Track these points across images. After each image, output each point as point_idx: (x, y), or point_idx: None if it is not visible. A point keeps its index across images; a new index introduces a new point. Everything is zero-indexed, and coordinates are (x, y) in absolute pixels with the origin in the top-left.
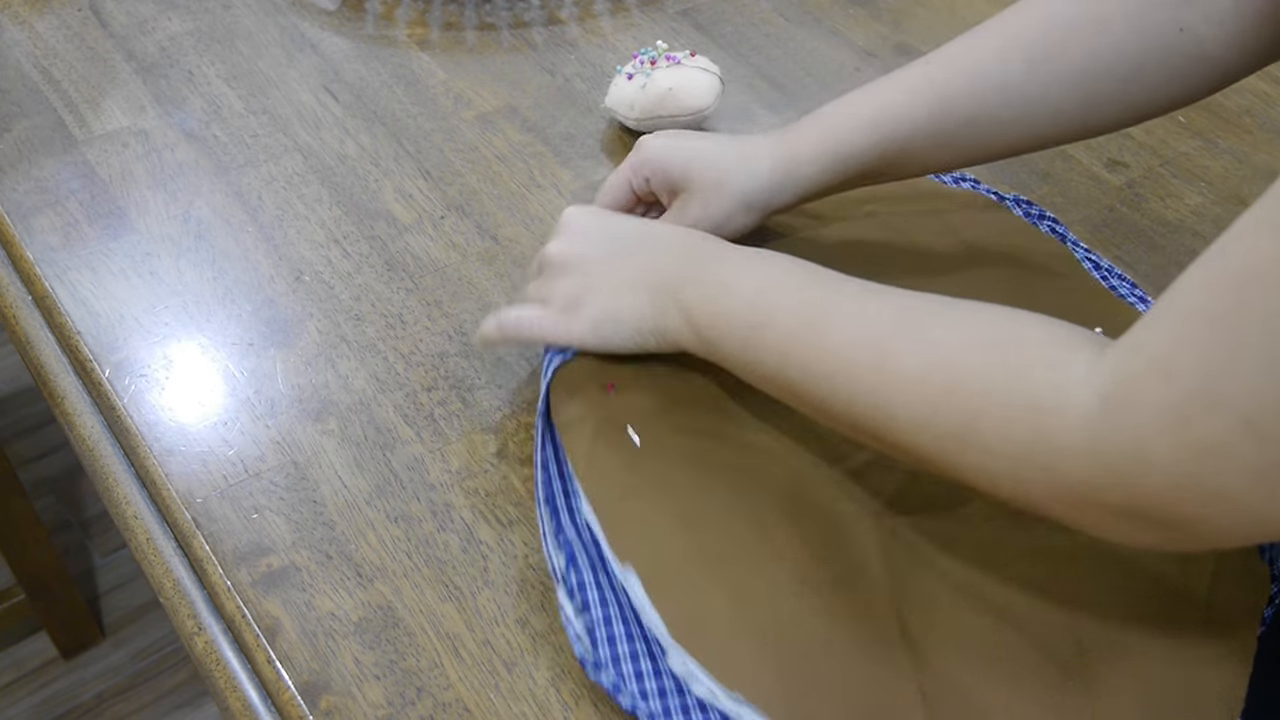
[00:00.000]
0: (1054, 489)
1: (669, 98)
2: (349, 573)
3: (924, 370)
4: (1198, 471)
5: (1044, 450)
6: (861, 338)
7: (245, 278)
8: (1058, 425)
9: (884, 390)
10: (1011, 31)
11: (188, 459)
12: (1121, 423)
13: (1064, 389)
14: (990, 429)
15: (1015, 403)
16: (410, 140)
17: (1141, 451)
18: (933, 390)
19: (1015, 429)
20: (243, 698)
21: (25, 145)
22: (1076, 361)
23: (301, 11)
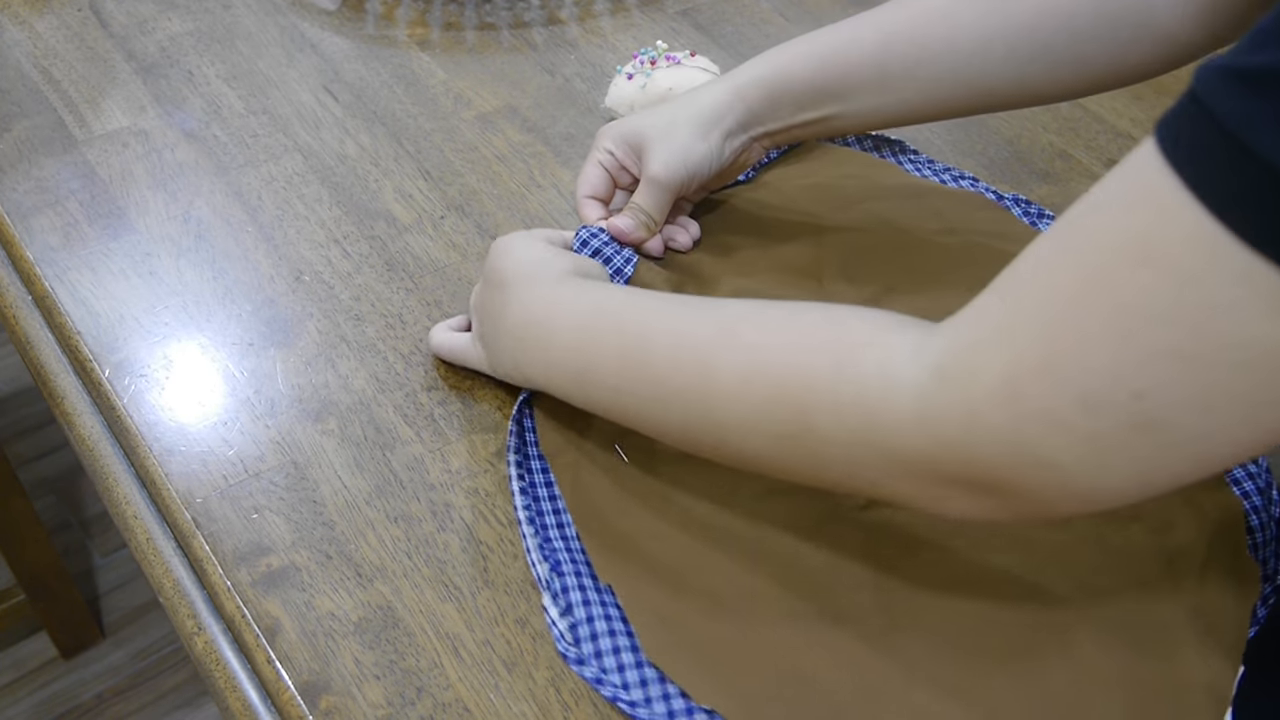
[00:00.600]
0: (890, 467)
1: (669, 98)
2: (349, 573)
3: (746, 376)
4: (1029, 439)
5: (878, 431)
6: (682, 356)
7: (245, 278)
8: (888, 404)
9: (712, 403)
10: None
11: (188, 459)
12: (954, 391)
13: (890, 368)
14: (822, 421)
15: (843, 390)
16: (410, 140)
17: (973, 419)
18: (758, 394)
19: (847, 415)
20: (243, 698)
21: (25, 145)
22: (902, 343)
23: (301, 11)
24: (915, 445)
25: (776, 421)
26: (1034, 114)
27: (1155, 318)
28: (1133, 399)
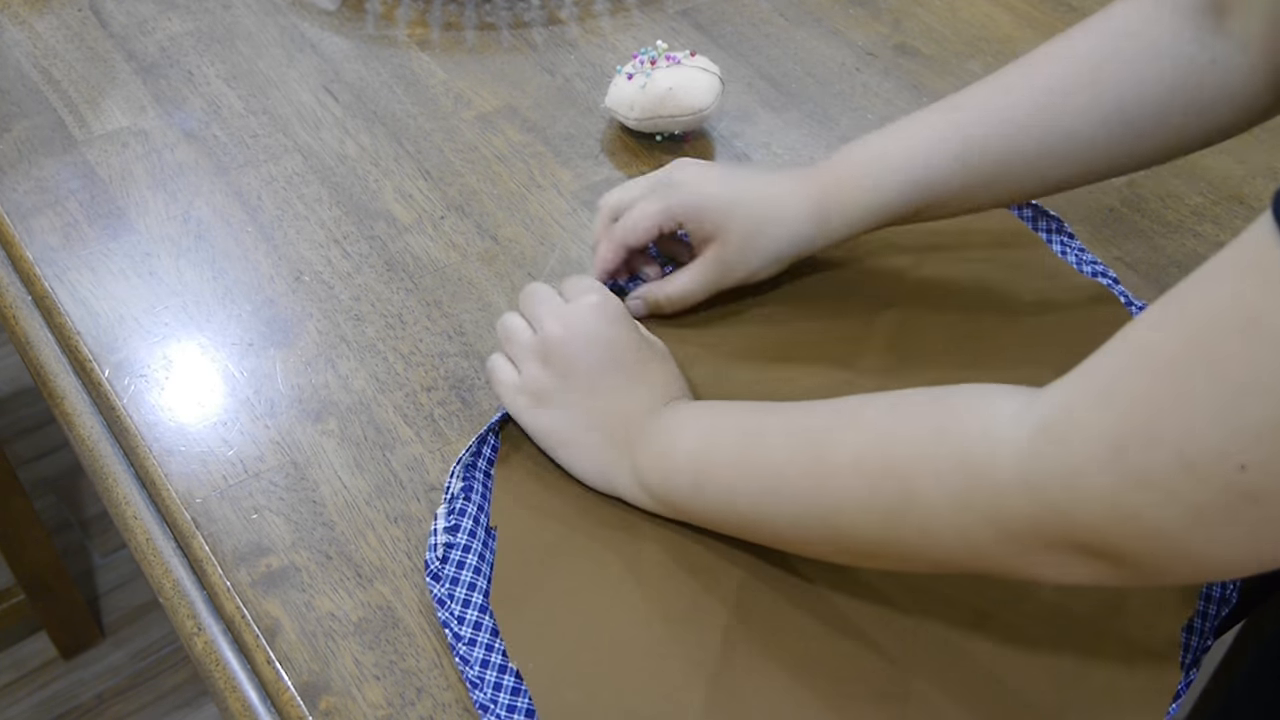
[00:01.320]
0: (997, 534)
1: (669, 97)
2: (349, 573)
3: (857, 455)
4: (1135, 503)
5: (981, 497)
6: (796, 446)
7: (245, 278)
8: (990, 468)
9: (825, 487)
10: (1040, 72)
11: (187, 459)
12: (1057, 452)
13: (993, 431)
14: (926, 488)
15: (945, 456)
16: (410, 140)
17: (1077, 480)
18: (868, 470)
19: (949, 480)
20: (242, 698)
21: (25, 145)
22: (1002, 407)
23: (301, 11)
24: (1019, 508)
25: (886, 497)
26: None
27: (1260, 390)
28: (1237, 470)
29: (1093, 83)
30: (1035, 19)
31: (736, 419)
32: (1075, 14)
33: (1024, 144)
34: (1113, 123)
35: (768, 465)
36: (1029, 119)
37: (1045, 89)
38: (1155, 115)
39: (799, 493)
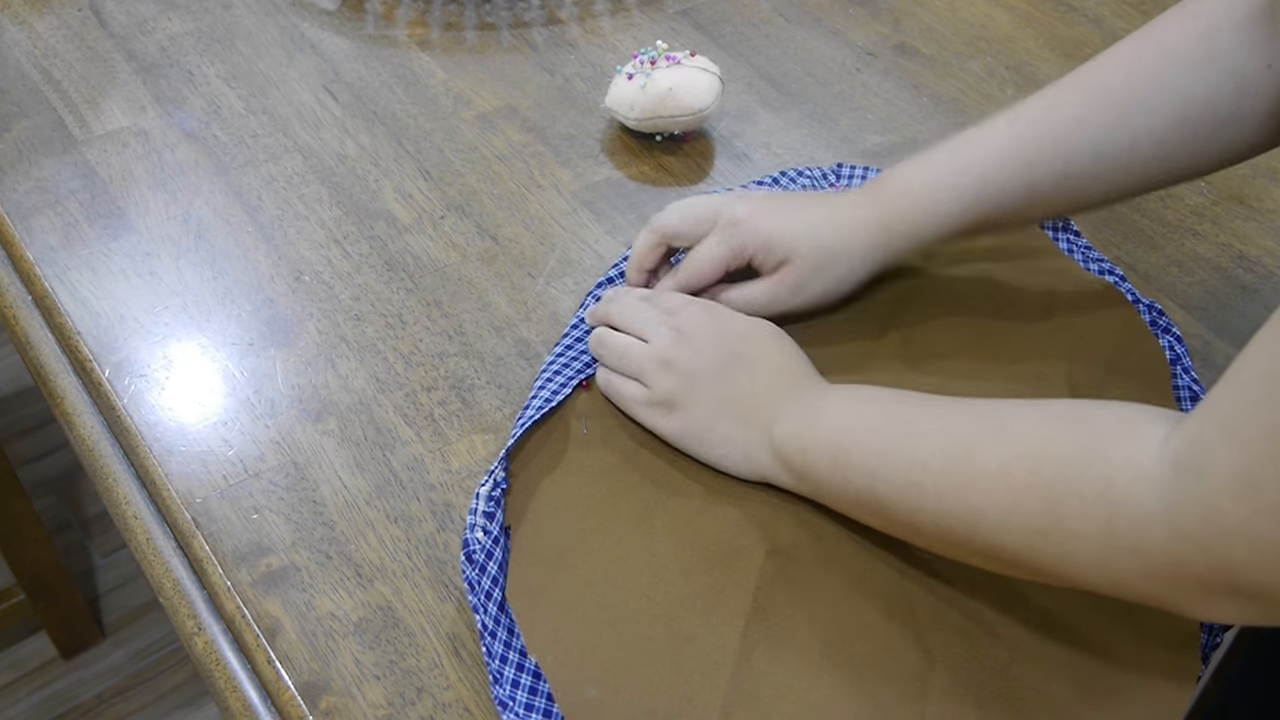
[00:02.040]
0: (1141, 567)
1: (669, 98)
2: (349, 573)
3: (1005, 465)
4: (1272, 535)
5: (1124, 527)
6: (946, 444)
7: (245, 278)
8: (1134, 499)
9: (969, 490)
10: (1096, 86)
11: (188, 459)
12: (1193, 488)
13: (1137, 462)
14: (1071, 514)
15: (1091, 481)
16: (410, 140)
17: (1215, 516)
18: (1014, 483)
19: (1094, 509)
20: (243, 698)
21: (25, 145)
22: (1150, 435)
23: (301, 11)
24: (1159, 543)
25: (1029, 514)
26: None
27: None
28: None
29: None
30: (1035, 19)
31: (883, 404)
32: (1075, 14)
33: (1083, 158)
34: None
35: (913, 458)
36: (1088, 133)
37: (1105, 104)
38: (1214, 124)
39: (942, 491)
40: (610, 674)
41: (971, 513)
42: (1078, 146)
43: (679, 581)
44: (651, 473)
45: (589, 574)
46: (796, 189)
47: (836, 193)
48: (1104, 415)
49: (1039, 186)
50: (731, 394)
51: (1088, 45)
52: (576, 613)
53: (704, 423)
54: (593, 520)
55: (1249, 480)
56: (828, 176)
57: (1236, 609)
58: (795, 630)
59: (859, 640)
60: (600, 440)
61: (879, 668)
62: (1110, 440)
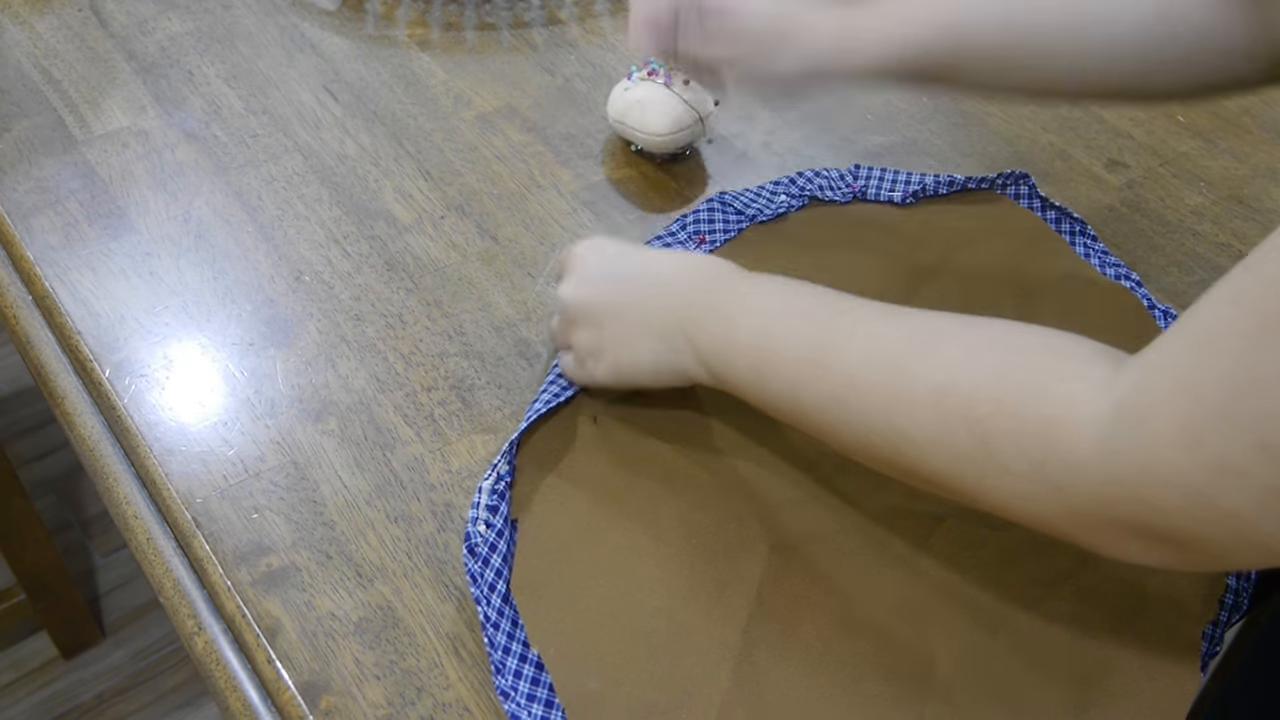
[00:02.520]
0: (1067, 506)
1: (634, 109)
2: (349, 573)
3: (937, 390)
4: (1210, 489)
5: (1056, 466)
6: (874, 360)
7: (245, 278)
8: (1070, 439)
9: (897, 412)
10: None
11: (188, 459)
12: (1135, 436)
13: (1077, 403)
14: (1004, 447)
15: (1027, 417)
16: (410, 140)
17: (1154, 465)
18: (946, 410)
19: (1027, 444)
20: (243, 698)
21: (25, 145)
22: (1090, 376)
23: (301, 11)
24: (1091, 485)
25: (959, 442)
26: (1034, 114)
27: None
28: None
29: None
30: None
31: (807, 306)
32: None
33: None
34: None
35: (838, 374)
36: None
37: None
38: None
39: (869, 408)
40: (611, 666)
41: (899, 434)
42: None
43: (683, 575)
44: (658, 467)
45: (593, 567)
46: (814, 189)
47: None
48: (1045, 348)
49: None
50: (642, 316)
51: None
52: (579, 605)
53: (628, 355)
54: (598, 514)
55: (1193, 431)
56: (845, 178)
57: (1154, 553)
58: (798, 626)
59: (861, 637)
60: (607, 434)
61: (880, 666)
62: (1051, 377)
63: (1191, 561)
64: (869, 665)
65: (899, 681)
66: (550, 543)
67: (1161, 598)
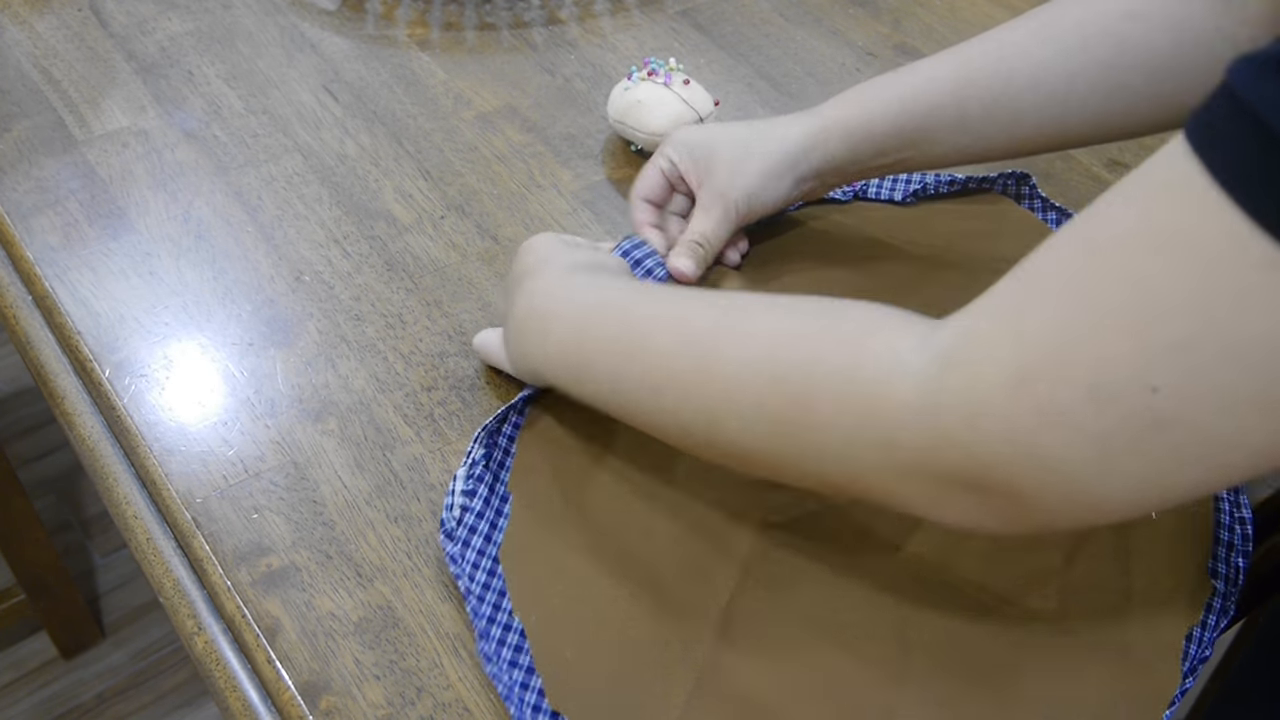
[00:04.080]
0: (887, 462)
1: (634, 109)
2: (349, 573)
3: (747, 365)
4: (1034, 435)
5: (877, 421)
6: (682, 344)
7: (245, 278)
8: (890, 391)
9: (709, 390)
10: (1044, 20)
11: (188, 459)
12: (959, 381)
13: (896, 356)
14: (822, 409)
15: (845, 377)
16: (410, 140)
17: (977, 411)
18: (758, 384)
19: (847, 403)
20: (243, 698)
21: (25, 145)
22: (911, 332)
23: (301, 11)
24: (914, 437)
25: (776, 410)
26: None
27: (1173, 308)
28: (1146, 393)
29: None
30: None
31: (621, 309)
32: None
33: (1019, 84)
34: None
35: (648, 361)
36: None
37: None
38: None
39: (683, 392)
40: (589, 635)
41: (712, 414)
42: (1016, 70)
43: (669, 549)
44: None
45: (581, 539)
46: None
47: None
48: (858, 310)
49: (969, 108)
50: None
51: None
52: (565, 575)
53: (514, 348)
54: (591, 488)
55: (1021, 375)
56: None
57: (975, 508)
58: (779, 606)
59: (842, 620)
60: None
61: (855, 651)
62: (865, 335)
63: (1016, 518)
64: (844, 650)
65: (873, 667)
66: (541, 514)
67: (1146, 598)
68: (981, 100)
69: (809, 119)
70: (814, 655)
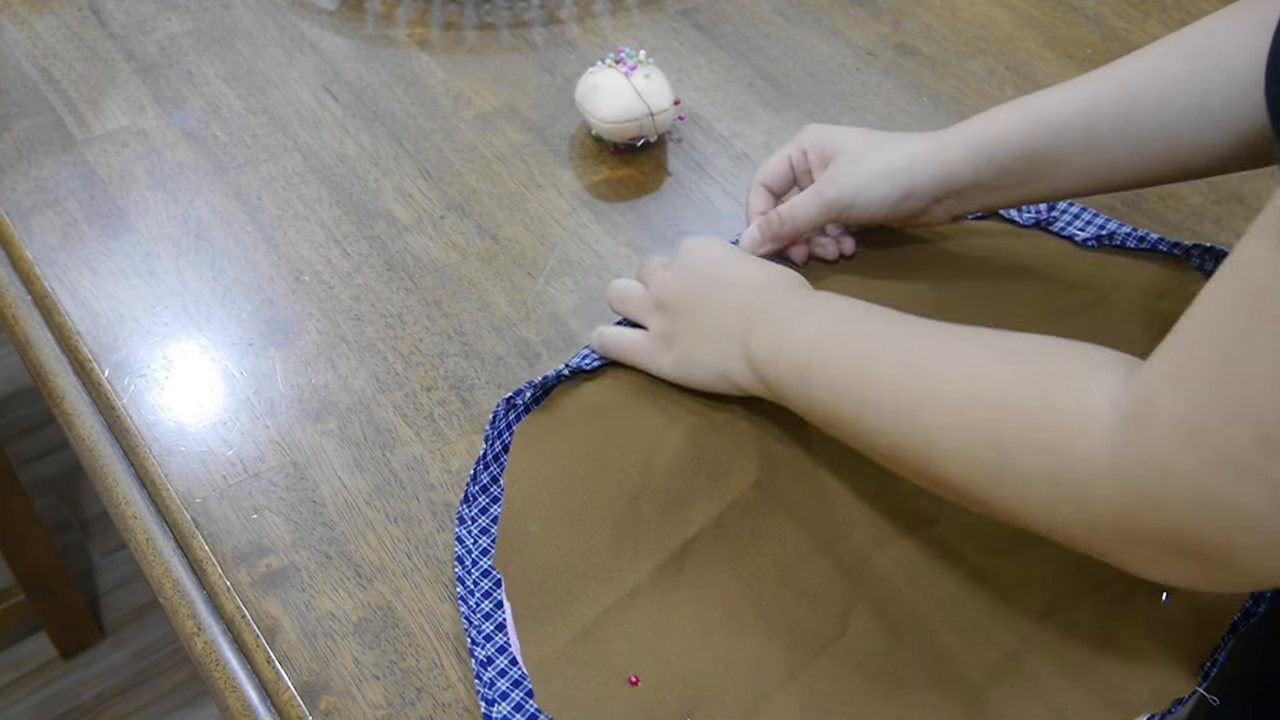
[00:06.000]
0: (1087, 518)
1: (590, 95)
2: (349, 573)
3: (964, 399)
4: (1218, 487)
5: (1072, 475)
6: (908, 371)
7: (245, 278)
8: (1084, 447)
9: (926, 420)
10: (1180, 38)
11: (187, 459)
12: (1140, 438)
13: (1091, 410)
14: (1021, 458)
15: (1044, 426)
16: (410, 140)
17: (1162, 467)
18: (970, 418)
19: (1043, 456)
20: (242, 698)
21: (25, 145)
22: (1105, 383)
23: (301, 11)
24: (1107, 495)
25: (981, 453)
26: None
27: None
28: None
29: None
30: (1035, 19)
31: (857, 318)
32: (1075, 14)
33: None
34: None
35: (876, 384)
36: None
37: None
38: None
39: (900, 417)
40: (555, 518)
41: (926, 442)
42: (1146, 90)
43: (660, 474)
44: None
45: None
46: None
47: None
48: (1062, 354)
49: (1097, 127)
50: (715, 316)
51: (1088, 45)
52: (558, 464)
53: (693, 349)
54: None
55: (1192, 428)
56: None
57: (1182, 569)
58: (740, 553)
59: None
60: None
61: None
62: (1066, 387)
63: (1219, 576)
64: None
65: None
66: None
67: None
68: (1111, 118)
69: (933, 136)
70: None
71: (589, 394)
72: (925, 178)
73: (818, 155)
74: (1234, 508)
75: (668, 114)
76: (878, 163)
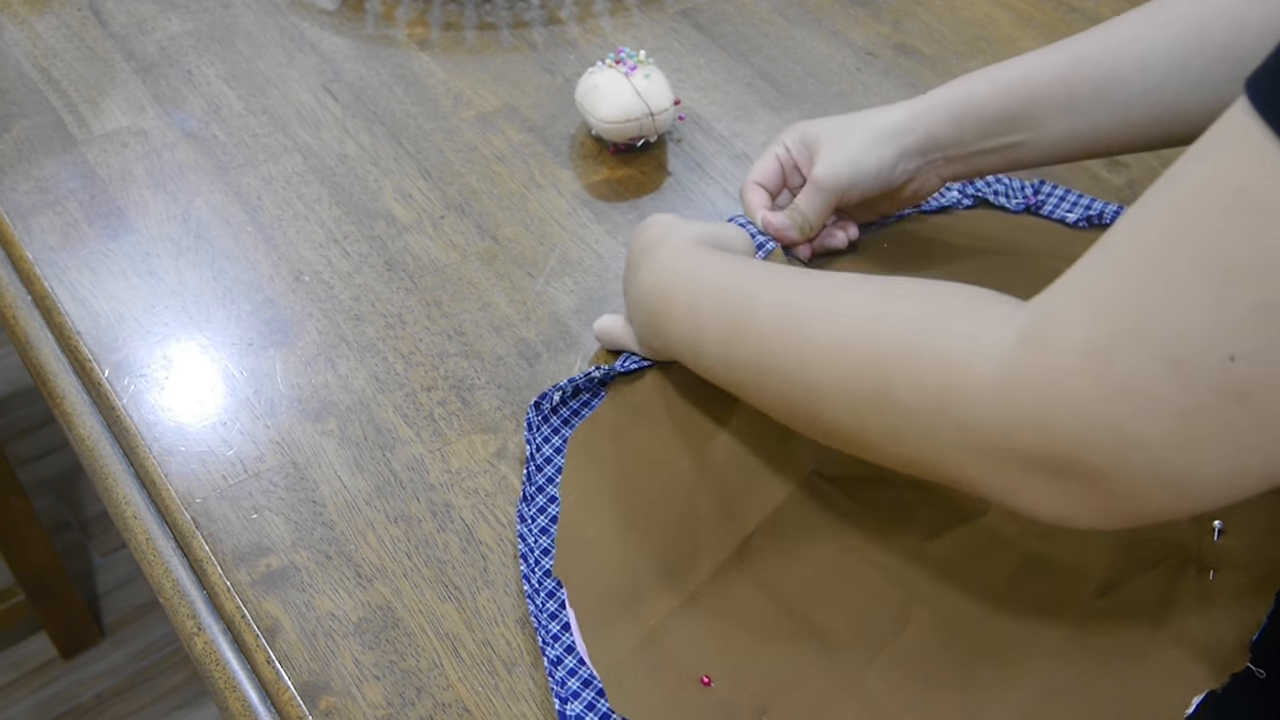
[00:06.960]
0: (968, 442)
1: (590, 95)
2: (349, 573)
3: (840, 340)
4: (1114, 412)
5: (955, 401)
6: (783, 323)
7: (245, 278)
8: (968, 372)
9: (806, 368)
10: (1160, 4)
11: (187, 459)
12: (1037, 359)
13: (978, 337)
14: (903, 388)
15: (927, 356)
16: (410, 140)
17: (1056, 389)
18: (849, 357)
19: (927, 383)
20: (242, 698)
21: (25, 145)
22: (994, 314)
23: (301, 11)
24: (992, 418)
25: (862, 389)
26: None
27: (1249, 269)
28: (1225, 363)
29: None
30: (1035, 19)
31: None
32: (1076, 14)
33: (1128, 67)
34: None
35: (754, 340)
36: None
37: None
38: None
39: (784, 371)
40: (612, 523)
41: (810, 392)
42: (1126, 52)
43: (713, 472)
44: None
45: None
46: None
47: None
48: (944, 292)
49: (1078, 89)
50: (631, 295)
51: None
52: (611, 469)
53: (637, 328)
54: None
55: (1101, 353)
56: (1025, 189)
57: (1056, 494)
58: (795, 548)
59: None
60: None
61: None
62: (949, 313)
63: (1099, 504)
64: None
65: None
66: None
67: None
68: (1091, 81)
69: (914, 101)
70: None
71: (636, 396)
72: (912, 139)
73: (801, 147)
74: (1130, 435)
75: (668, 114)
76: (861, 138)
